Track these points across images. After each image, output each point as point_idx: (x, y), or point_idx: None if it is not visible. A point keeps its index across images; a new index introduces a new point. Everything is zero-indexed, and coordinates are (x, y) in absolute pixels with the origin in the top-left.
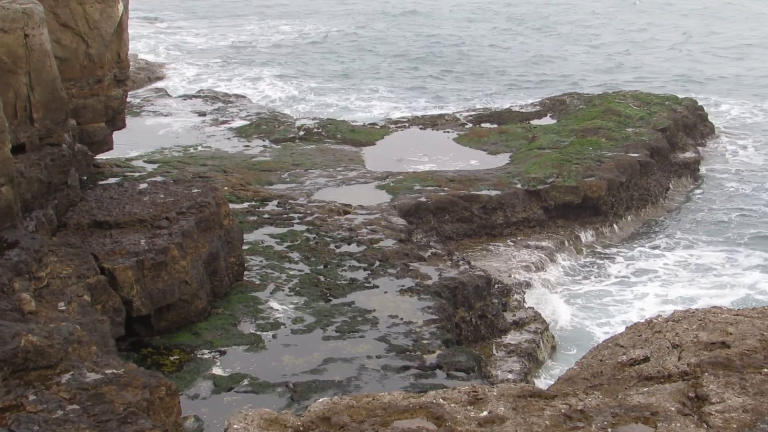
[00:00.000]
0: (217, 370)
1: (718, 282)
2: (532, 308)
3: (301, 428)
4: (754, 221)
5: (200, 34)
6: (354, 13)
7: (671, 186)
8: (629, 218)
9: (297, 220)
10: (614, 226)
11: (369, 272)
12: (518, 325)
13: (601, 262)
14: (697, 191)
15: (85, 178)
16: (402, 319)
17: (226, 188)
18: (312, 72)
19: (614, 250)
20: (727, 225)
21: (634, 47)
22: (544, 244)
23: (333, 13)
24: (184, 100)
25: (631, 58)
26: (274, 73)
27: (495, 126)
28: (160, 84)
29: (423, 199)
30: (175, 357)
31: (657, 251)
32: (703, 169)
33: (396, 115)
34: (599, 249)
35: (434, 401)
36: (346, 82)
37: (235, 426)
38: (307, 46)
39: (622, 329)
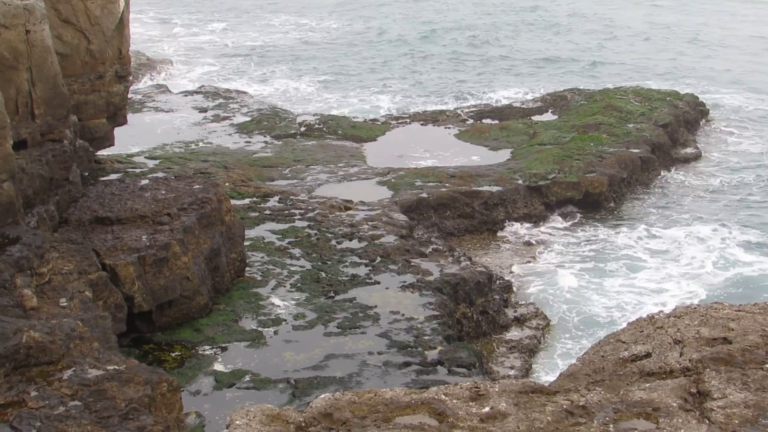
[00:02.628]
0: (218, 366)
1: (720, 264)
2: (533, 304)
3: (303, 424)
4: (751, 205)
5: (207, 31)
6: (357, 10)
7: (665, 174)
8: (627, 206)
9: (298, 216)
10: (614, 212)
11: (370, 268)
12: (519, 321)
13: (602, 259)
14: (695, 181)
15: (87, 174)
16: (403, 315)
17: (227, 184)
18: (314, 70)
19: (615, 242)
20: (725, 210)
21: (637, 45)
22: (545, 239)
23: (338, 11)
24: (185, 96)
25: (632, 56)
26: (278, 72)
27: (496, 122)
28: (162, 80)
29: (424, 195)
30: (177, 353)
31: (656, 243)
32: (702, 155)
33: (397, 111)
34: (600, 243)
35: (436, 397)
36: (348, 80)
37: (237, 422)
38: (309, 45)
39: (624, 324)
